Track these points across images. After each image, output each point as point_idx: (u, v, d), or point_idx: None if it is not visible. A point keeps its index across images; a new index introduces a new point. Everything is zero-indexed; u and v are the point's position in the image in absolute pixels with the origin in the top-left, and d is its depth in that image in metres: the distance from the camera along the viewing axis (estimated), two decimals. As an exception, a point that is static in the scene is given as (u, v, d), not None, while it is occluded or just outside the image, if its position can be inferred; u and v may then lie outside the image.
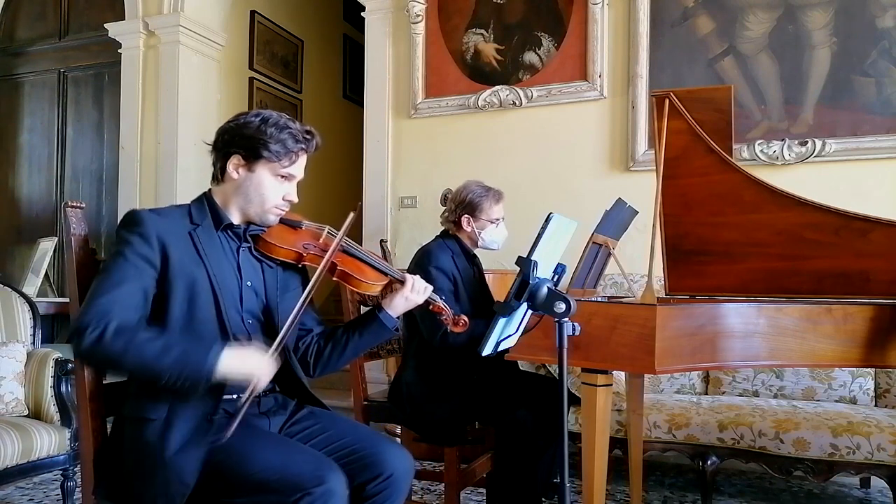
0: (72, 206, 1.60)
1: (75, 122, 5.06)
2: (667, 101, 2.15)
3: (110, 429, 1.54)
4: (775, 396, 2.96)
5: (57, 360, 2.58)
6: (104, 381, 1.59)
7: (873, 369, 2.89)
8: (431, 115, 4.01)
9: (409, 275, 1.66)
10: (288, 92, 5.69)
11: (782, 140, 3.34)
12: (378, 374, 3.67)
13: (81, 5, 5.06)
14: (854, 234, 2.09)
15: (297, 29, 5.79)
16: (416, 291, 1.64)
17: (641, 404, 2.57)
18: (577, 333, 1.49)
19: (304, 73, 5.88)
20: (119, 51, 4.68)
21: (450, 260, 2.42)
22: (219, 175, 1.57)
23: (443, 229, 2.57)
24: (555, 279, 1.61)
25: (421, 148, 4.06)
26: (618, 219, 2.34)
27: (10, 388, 2.50)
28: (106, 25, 4.69)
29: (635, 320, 1.77)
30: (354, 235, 2.09)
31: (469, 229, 2.47)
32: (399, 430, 2.84)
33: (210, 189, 1.59)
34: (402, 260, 3.63)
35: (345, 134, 5.85)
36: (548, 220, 1.58)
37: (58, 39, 5.12)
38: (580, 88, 3.71)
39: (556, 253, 1.69)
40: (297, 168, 1.56)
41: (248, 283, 1.55)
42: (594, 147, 3.71)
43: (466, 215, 2.46)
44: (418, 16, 4.00)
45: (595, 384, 1.87)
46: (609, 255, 2.42)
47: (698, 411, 2.68)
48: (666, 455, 2.86)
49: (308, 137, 1.55)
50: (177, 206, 1.58)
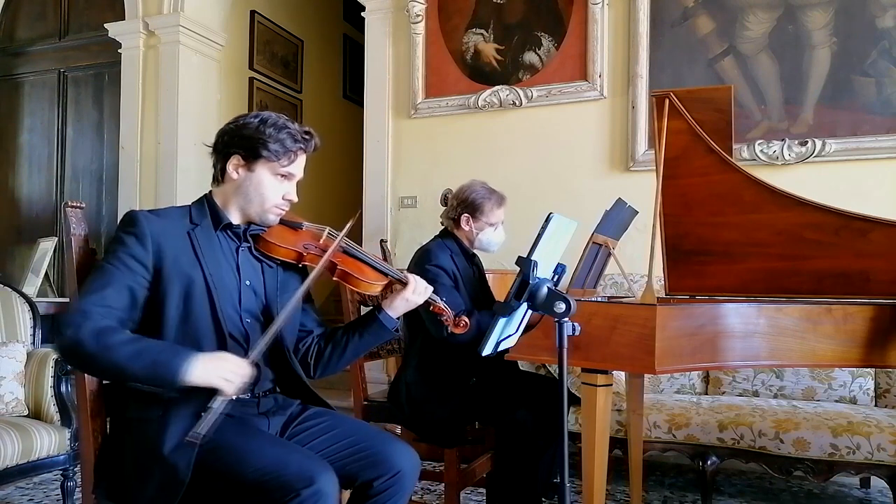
0: (72, 206, 1.60)
1: (75, 122, 5.07)
2: (667, 101, 2.15)
3: (109, 429, 1.54)
4: (775, 396, 2.96)
5: (57, 360, 2.58)
6: (104, 382, 1.59)
7: (873, 369, 2.89)
8: (431, 115, 4.01)
9: (409, 275, 1.67)
10: (288, 92, 5.69)
11: (782, 140, 3.34)
12: (378, 374, 3.67)
13: (81, 5, 5.06)
14: (854, 234, 2.09)
15: (297, 29, 5.79)
16: (417, 292, 1.64)
17: (641, 404, 2.57)
18: (577, 333, 1.49)
19: (304, 73, 5.88)
20: (119, 51, 4.68)
21: (449, 259, 2.42)
22: (219, 176, 1.57)
23: (442, 229, 2.57)
24: (555, 279, 1.61)
25: (421, 148, 4.06)
26: (618, 219, 2.34)
27: (10, 388, 2.50)
28: (106, 25, 4.69)
29: (635, 320, 1.77)
30: (355, 236, 2.09)
31: (467, 229, 2.47)
32: (399, 431, 2.84)
33: (211, 191, 1.60)
34: (402, 260, 3.63)
35: (345, 134, 5.85)
36: (548, 220, 1.59)
37: (58, 39, 5.12)
38: (580, 88, 3.71)
39: (556, 253, 1.70)
40: (297, 167, 1.57)
41: (247, 283, 1.56)
42: (594, 147, 3.71)
43: (466, 214, 2.46)
44: (418, 16, 4.00)
45: (595, 384, 1.87)
46: (609, 255, 2.42)
47: (698, 411, 2.68)
48: (666, 455, 2.86)
49: (307, 137, 1.56)
50: (177, 206, 1.59)
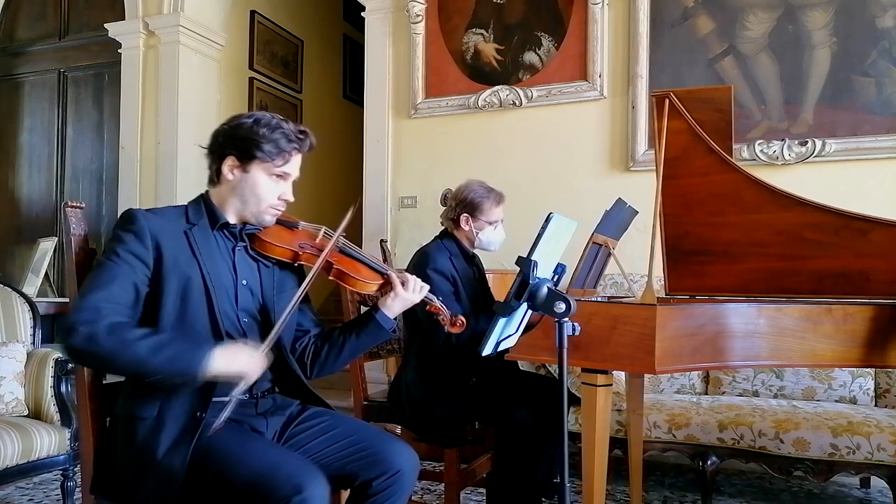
0: (72, 206, 1.60)
1: (75, 122, 5.07)
2: (667, 101, 2.15)
3: (107, 427, 1.54)
4: (775, 396, 2.96)
5: (57, 360, 2.58)
6: (104, 381, 1.59)
7: (873, 369, 2.89)
8: (431, 115, 4.01)
9: (405, 274, 1.66)
10: (288, 92, 5.69)
11: (782, 140, 3.34)
12: (378, 374, 3.68)
13: (81, 5, 5.06)
14: (854, 234, 2.09)
15: (297, 29, 5.79)
16: (413, 291, 1.64)
17: (641, 404, 2.57)
18: (577, 333, 1.49)
19: (304, 73, 5.88)
20: (119, 51, 4.68)
21: (448, 261, 2.41)
22: (215, 177, 1.57)
23: (441, 229, 2.56)
24: (555, 279, 1.61)
25: (421, 148, 4.06)
26: (618, 219, 2.34)
27: (10, 388, 2.50)
28: (106, 25, 4.70)
29: (635, 320, 1.77)
30: (354, 236, 2.09)
31: (467, 228, 2.47)
32: (399, 431, 2.84)
33: (207, 191, 1.60)
34: (401, 260, 3.63)
35: (345, 134, 5.85)
36: (548, 220, 1.59)
37: (58, 39, 5.13)
38: (580, 88, 3.71)
39: (556, 253, 1.70)
40: (292, 167, 1.56)
41: (244, 282, 1.55)
42: (594, 147, 3.71)
43: (466, 214, 2.46)
44: (418, 16, 4.00)
45: (595, 384, 1.87)
46: (609, 255, 2.42)
47: (698, 411, 2.68)
48: (666, 455, 2.85)
49: (301, 137, 1.55)
50: (173, 206, 1.59)
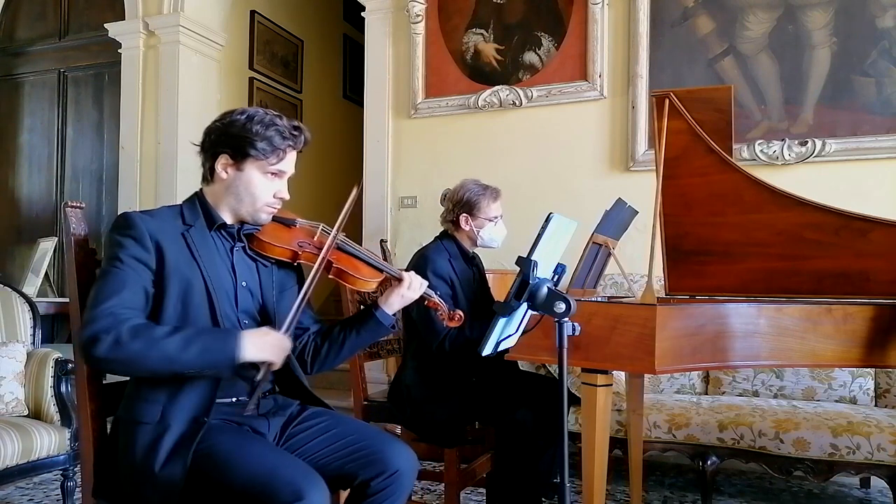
0: (72, 206, 1.60)
1: (75, 122, 5.06)
2: (667, 101, 2.15)
3: (109, 429, 1.53)
4: (775, 396, 2.96)
5: (57, 360, 2.58)
6: (104, 381, 1.59)
7: (873, 369, 2.89)
8: (431, 115, 4.01)
9: (404, 272, 1.66)
10: (288, 92, 5.68)
11: (782, 140, 3.34)
12: (378, 374, 3.68)
13: (81, 5, 5.06)
14: (854, 234, 2.09)
15: (297, 29, 5.78)
16: (412, 288, 1.64)
17: (641, 404, 2.57)
18: (577, 333, 1.49)
19: (304, 73, 5.87)
20: (119, 51, 4.68)
21: (447, 263, 2.41)
22: (208, 175, 1.54)
23: (442, 230, 2.56)
24: (555, 279, 1.61)
25: (421, 148, 4.06)
26: (618, 219, 2.34)
27: (10, 388, 2.50)
28: (106, 25, 4.69)
29: (635, 320, 1.77)
30: (354, 236, 2.08)
31: (468, 228, 2.47)
32: (399, 431, 2.84)
33: (201, 189, 1.57)
34: (401, 260, 3.63)
35: (345, 134, 5.85)
36: (548, 220, 1.58)
37: (58, 39, 5.12)
38: (580, 88, 3.71)
39: (556, 253, 1.69)
40: (287, 165, 1.54)
41: (244, 284, 1.54)
42: (594, 147, 3.71)
43: (465, 214, 2.46)
44: (418, 16, 4.00)
45: (595, 384, 1.87)
46: (609, 255, 2.42)
47: (698, 411, 2.68)
48: (666, 455, 2.85)
49: (295, 134, 1.53)
50: (168, 206, 1.55)
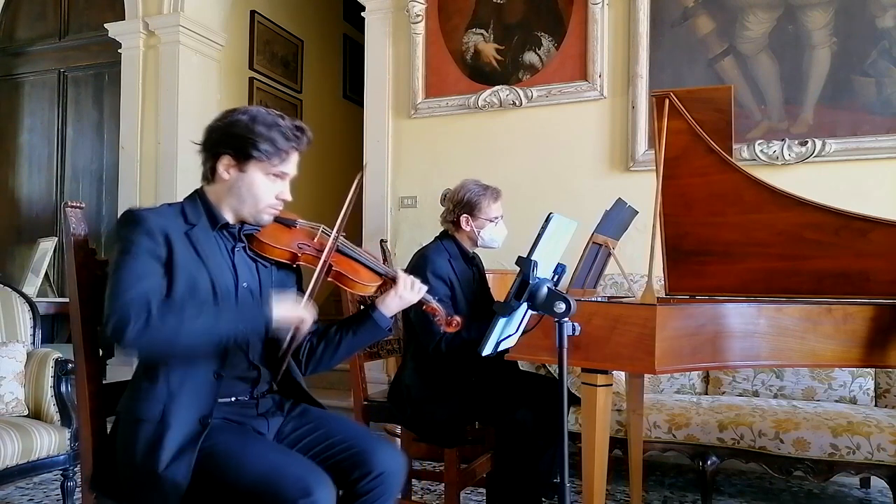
0: (72, 206, 1.59)
1: (75, 122, 5.07)
2: (667, 101, 2.15)
3: (110, 428, 1.53)
4: (775, 396, 2.96)
5: (57, 360, 2.58)
6: (104, 381, 1.59)
7: (873, 369, 2.89)
8: (431, 115, 4.01)
9: (403, 274, 1.65)
10: (288, 92, 5.68)
11: (782, 140, 3.34)
12: (378, 374, 3.68)
13: (81, 5, 5.06)
14: (854, 234, 2.09)
15: (297, 29, 5.78)
16: (411, 291, 1.63)
17: (641, 404, 2.57)
18: (577, 333, 1.49)
19: (304, 73, 5.87)
20: (119, 51, 4.68)
21: (447, 264, 2.41)
22: (209, 175, 1.53)
23: (442, 230, 2.56)
24: (555, 279, 1.61)
25: (421, 148, 4.06)
26: (618, 219, 2.34)
27: (10, 388, 2.50)
28: (106, 25, 4.69)
29: (635, 320, 1.77)
30: (354, 236, 2.08)
31: (468, 229, 2.47)
32: (399, 431, 2.84)
33: (202, 188, 1.56)
34: (401, 260, 3.63)
35: (345, 134, 5.85)
36: (548, 220, 1.59)
37: (58, 39, 5.12)
38: (580, 88, 3.71)
39: (556, 253, 1.69)
40: (289, 166, 1.53)
41: (244, 284, 1.53)
42: (594, 147, 3.71)
43: (465, 215, 2.46)
44: (418, 16, 4.00)
45: (595, 384, 1.87)
46: (609, 255, 2.42)
47: (698, 411, 2.68)
48: (666, 455, 2.85)
49: (298, 134, 1.51)
50: (168, 204, 1.53)
